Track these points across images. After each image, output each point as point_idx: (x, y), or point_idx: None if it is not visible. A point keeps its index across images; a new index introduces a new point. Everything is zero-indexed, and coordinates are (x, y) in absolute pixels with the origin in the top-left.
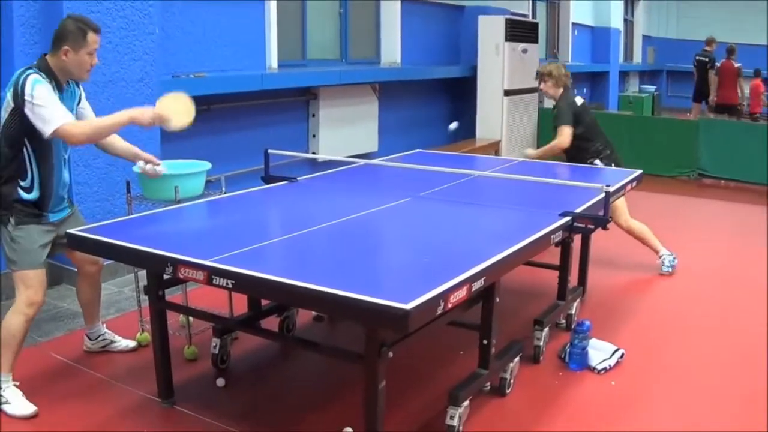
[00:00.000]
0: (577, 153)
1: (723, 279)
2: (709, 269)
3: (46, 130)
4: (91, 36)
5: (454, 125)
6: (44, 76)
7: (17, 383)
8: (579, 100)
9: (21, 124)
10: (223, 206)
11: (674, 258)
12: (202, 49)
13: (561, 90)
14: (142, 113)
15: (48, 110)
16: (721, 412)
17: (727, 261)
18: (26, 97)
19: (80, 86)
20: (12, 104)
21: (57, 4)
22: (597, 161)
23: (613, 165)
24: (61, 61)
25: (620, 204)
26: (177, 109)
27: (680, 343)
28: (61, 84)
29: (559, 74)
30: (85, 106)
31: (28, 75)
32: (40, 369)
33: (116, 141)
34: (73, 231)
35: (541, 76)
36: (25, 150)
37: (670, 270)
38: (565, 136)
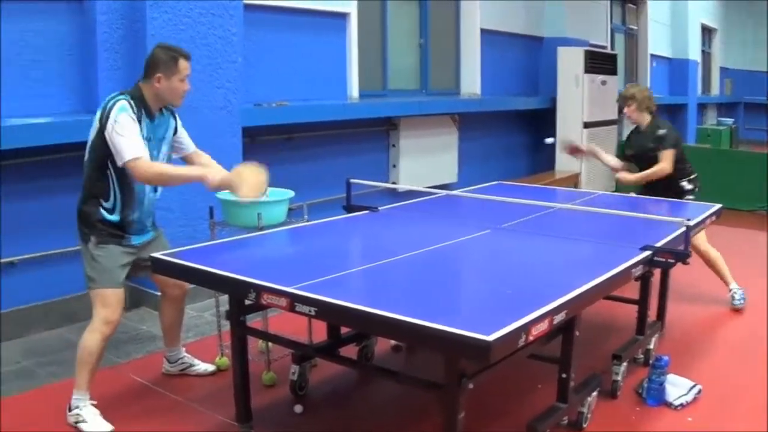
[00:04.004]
0: (671, 174)
1: None
2: None
3: (118, 159)
4: (182, 63)
5: (549, 140)
6: (134, 104)
7: (94, 402)
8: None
9: (105, 146)
10: (305, 234)
11: (744, 293)
12: (284, 79)
13: (646, 115)
14: (213, 175)
15: (124, 140)
16: None
17: None
18: (110, 121)
19: (176, 116)
20: (98, 125)
21: (141, 30)
22: (685, 182)
23: (697, 188)
24: (155, 88)
25: None
26: (250, 182)
27: (758, 380)
28: (152, 113)
29: (642, 97)
30: (183, 135)
31: (117, 100)
32: (118, 389)
33: (202, 160)
34: (156, 255)
35: (624, 99)
36: (108, 172)
37: (741, 303)
38: (669, 161)
